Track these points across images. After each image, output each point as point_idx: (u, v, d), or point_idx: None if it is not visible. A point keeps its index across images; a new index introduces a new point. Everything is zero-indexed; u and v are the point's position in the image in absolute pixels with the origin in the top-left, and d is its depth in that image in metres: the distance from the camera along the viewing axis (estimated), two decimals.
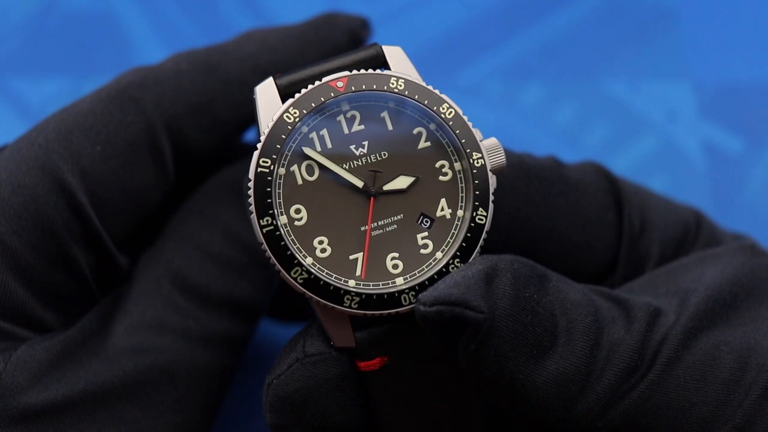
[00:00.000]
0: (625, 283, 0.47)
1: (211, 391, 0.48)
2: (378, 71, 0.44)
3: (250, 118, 0.51)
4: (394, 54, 0.45)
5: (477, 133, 0.44)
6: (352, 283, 0.43)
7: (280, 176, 0.43)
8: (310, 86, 0.43)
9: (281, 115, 0.43)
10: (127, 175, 0.47)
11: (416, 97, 0.44)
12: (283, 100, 0.44)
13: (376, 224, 0.43)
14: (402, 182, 0.44)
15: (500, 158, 0.44)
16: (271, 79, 0.44)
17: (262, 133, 0.43)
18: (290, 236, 0.43)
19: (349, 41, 0.52)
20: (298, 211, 0.43)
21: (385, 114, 0.44)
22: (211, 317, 0.48)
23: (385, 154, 0.44)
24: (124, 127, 0.47)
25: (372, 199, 0.43)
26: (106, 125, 0.47)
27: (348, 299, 0.42)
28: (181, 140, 0.49)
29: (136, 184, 0.47)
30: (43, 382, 0.44)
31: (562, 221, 0.47)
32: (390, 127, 0.44)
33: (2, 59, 0.67)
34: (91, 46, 0.67)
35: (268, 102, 0.44)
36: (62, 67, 0.67)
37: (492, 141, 0.44)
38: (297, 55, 0.51)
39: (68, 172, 0.46)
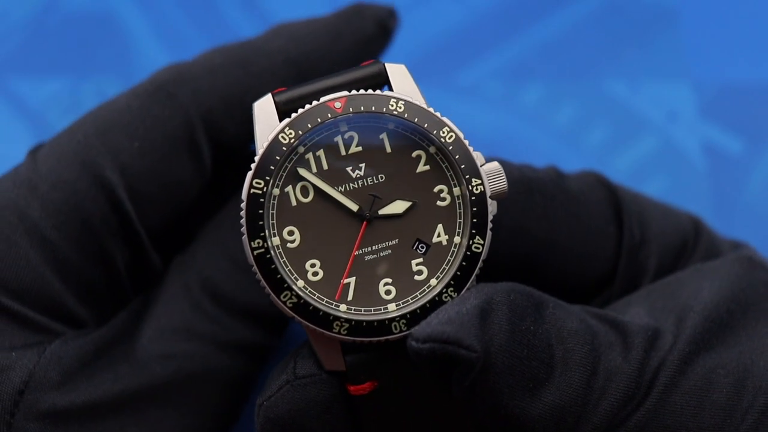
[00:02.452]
0: (623, 297, 0.47)
1: (232, 397, 0.48)
2: (378, 92, 0.43)
3: None
4: (397, 72, 0.44)
5: (478, 157, 0.43)
6: (343, 307, 0.42)
7: (274, 197, 0.42)
8: (308, 106, 0.43)
9: (276, 135, 0.42)
10: (165, 169, 0.47)
11: (416, 119, 0.43)
12: (281, 118, 0.43)
13: (369, 249, 0.43)
14: (398, 207, 0.43)
15: (501, 183, 0.43)
16: (269, 96, 0.44)
17: (257, 152, 0.43)
18: (282, 258, 0.42)
19: (377, 31, 0.52)
20: (291, 233, 0.42)
21: (384, 136, 0.43)
22: (237, 325, 0.48)
23: (382, 177, 0.43)
24: (162, 122, 0.48)
25: (365, 223, 0.43)
26: (143, 121, 0.47)
27: (337, 325, 0.42)
28: (217, 134, 0.49)
29: (174, 178, 0.48)
30: (74, 381, 0.45)
31: (563, 234, 0.47)
32: (388, 149, 0.43)
33: (2, 59, 0.67)
34: (91, 46, 0.67)
35: (266, 120, 0.43)
36: (62, 67, 0.67)
37: (493, 165, 0.43)
38: (327, 46, 0.51)
39: (108, 168, 0.46)
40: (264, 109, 0.43)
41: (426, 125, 0.43)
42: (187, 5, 0.69)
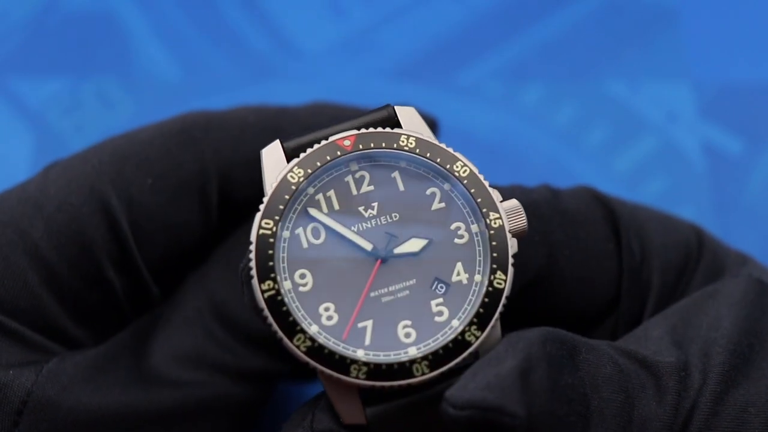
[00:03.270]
0: (630, 316, 0.46)
1: (240, 424, 0.47)
2: (387, 129, 0.42)
3: None
4: (406, 114, 0.43)
5: (495, 194, 0.42)
6: (360, 352, 0.40)
7: (285, 239, 0.41)
8: (316, 145, 0.42)
9: (285, 175, 0.41)
10: (172, 211, 0.47)
11: (428, 155, 0.42)
12: (290, 162, 0.42)
13: (386, 290, 0.41)
14: (414, 245, 0.41)
15: (521, 221, 0.42)
16: (277, 142, 0.43)
17: (265, 194, 0.41)
18: (294, 302, 0.40)
19: None
20: (302, 276, 0.41)
21: (396, 174, 0.42)
22: (248, 353, 0.47)
23: (396, 216, 0.42)
24: (179, 165, 0.47)
25: (378, 261, 0.41)
26: (161, 160, 0.47)
27: (355, 369, 0.39)
28: (230, 190, 0.48)
29: (179, 221, 0.47)
30: (75, 397, 0.44)
31: (563, 258, 0.46)
32: (401, 187, 0.42)
33: (2, 59, 0.67)
34: (91, 46, 0.67)
35: (274, 163, 0.42)
36: (62, 67, 0.67)
37: (512, 203, 0.42)
38: None
39: (115, 198, 0.46)
40: (272, 155, 0.42)
41: (439, 160, 0.42)
42: (187, 5, 0.69)
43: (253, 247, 0.40)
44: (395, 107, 0.43)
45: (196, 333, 0.46)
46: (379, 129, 0.42)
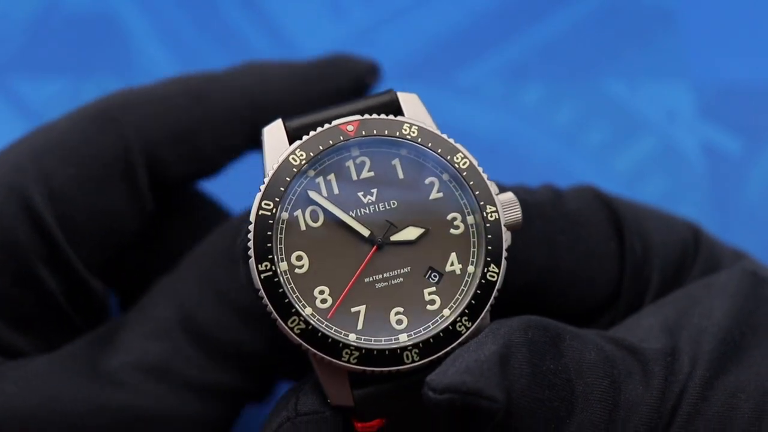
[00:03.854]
0: (628, 312, 0.46)
1: None
2: (391, 117, 0.42)
3: (235, 152, 0.49)
4: (408, 100, 0.43)
5: (492, 186, 0.42)
6: (352, 336, 0.41)
7: (283, 221, 0.41)
8: (320, 129, 0.42)
9: (287, 157, 0.41)
10: (100, 199, 0.45)
11: (429, 145, 0.42)
12: (291, 143, 0.42)
13: (381, 276, 0.41)
14: (411, 233, 0.42)
15: (516, 214, 0.42)
16: (279, 121, 0.43)
17: (266, 174, 0.41)
18: (290, 284, 0.41)
19: (352, 86, 0.51)
20: (299, 258, 0.41)
21: (396, 161, 0.42)
22: (215, 368, 0.45)
23: (394, 203, 0.42)
24: (101, 149, 0.46)
25: (374, 248, 0.41)
26: (81, 147, 0.45)
27: (347, 353, 0.40)
28: (159, 168, 0.47)
29: (109, 208, 0.46)
30: (22, 402, 0.43)
31: (565, 258, 0.46)
32: (401, 175, 0.42)
33: (4, 60, 0.67)
34: (92, 46, 0.68)
35: (276, 144, 0.42)
36: (63, 68, 0.67)
37: (508, 196, 0.42)
38: (296, 94, 0.49)
39: (37, 193, 0.44)
40: (274, 134, 0.42)
41: (439, 151, 0.42)
42: (187, 5, 0.69)
43: (251, 227, 0.41)
44: (398, 93, 0.44)
45: (163, 345, 0.45)
46: (382, 116, 0.42)
